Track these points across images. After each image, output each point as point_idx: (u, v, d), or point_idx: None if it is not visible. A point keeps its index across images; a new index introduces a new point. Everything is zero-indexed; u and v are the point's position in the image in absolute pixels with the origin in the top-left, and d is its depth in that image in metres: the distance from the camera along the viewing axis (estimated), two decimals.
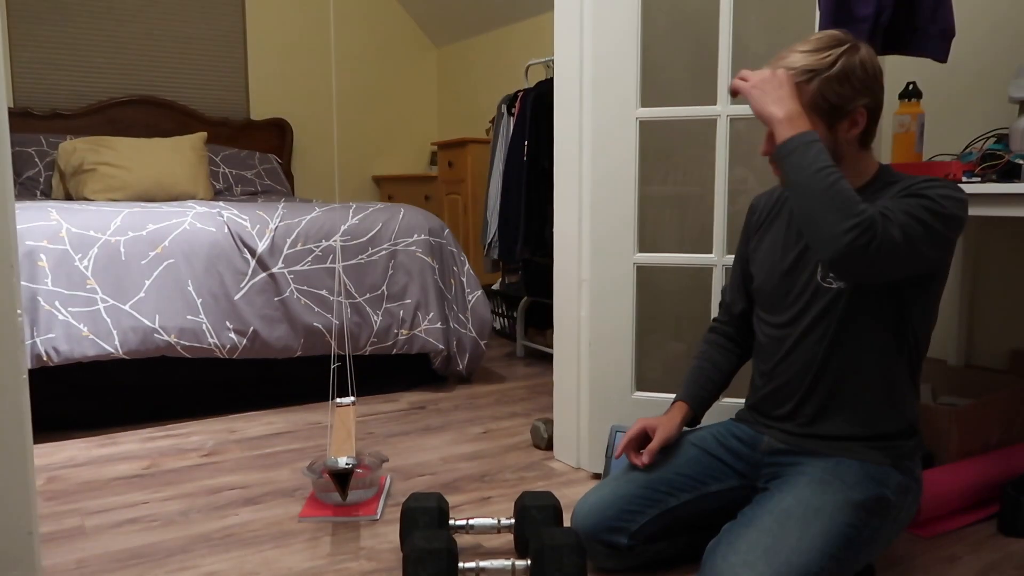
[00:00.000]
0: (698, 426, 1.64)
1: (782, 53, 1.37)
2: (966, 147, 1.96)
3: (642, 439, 1.56)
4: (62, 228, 2.42)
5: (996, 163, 1.72)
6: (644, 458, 1.52)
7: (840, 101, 1.32)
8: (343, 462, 1.72)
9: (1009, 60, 2.25)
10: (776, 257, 1.50)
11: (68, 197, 3.67)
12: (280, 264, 2.67)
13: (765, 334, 1.53)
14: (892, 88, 2.37)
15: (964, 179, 1.74)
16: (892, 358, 1.39)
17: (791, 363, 1.46)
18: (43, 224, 2.41)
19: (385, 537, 1.72)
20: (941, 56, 1.72)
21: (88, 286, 2.40)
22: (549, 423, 2.29)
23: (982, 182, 1.69)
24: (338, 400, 2.01)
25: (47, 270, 2.35)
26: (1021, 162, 1.67)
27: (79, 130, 4.21)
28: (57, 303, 2.34)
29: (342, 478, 1.71)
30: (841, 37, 1.34)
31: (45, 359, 2.30)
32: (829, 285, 1.40)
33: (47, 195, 3.77)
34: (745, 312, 1.64)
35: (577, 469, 2.14)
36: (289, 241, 2.71)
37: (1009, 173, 1.70)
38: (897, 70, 2.42)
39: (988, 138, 1.93)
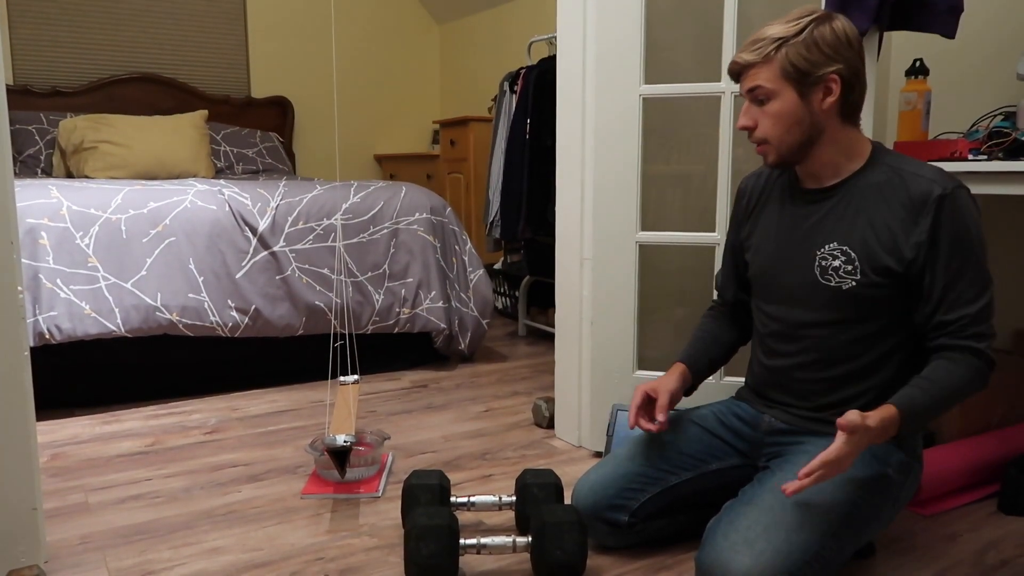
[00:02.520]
0: (699, 405, 1.64)
1: (758, 31, 1.35)
2: (973, 125, 1.94)
3: (648, 404, 1.52)
4: (63, 206, 2.41)
5: (1003, 141, 1.71)
6: (660, 417, 1.46)
7: (808, 67, 1.31)
8: (341, 440, 1.73)
9: (1018, 37, 2.22)
10: (771, 245, 1.48)
11: (69, 175, 3.66)
12: (281, 242, 2.67)
13: (764, 323, 1.52)
14: (899, 65, 2.34)
15: (970, 156, 1.72)
16: (895, 349, 1.38)
17: (791, 352, 1.46)
18: (44, 202, 2.40)
19: (387, 514, 1.73)
20: (949, 32, 1.70)
21: (89, 264, 2.39)
22: (550, 402, 2.29)
23: (988, 160, 1.67)
24: (342, 378, 2.01)
25: (48, 248, 2.34)
26: None
27: (79, 108, 4.19)
28: (59, 281, 2.34)
29: (340, 456, 1.72)
30: (815, 8, 1.35)
31: (47, 337, 2.30)
32: (827, 283, 1.38)
33: (48, 173, 3.76)
34: (740, 300, 1.63)
35: (578, 447, 2.15)
36: (290, 220, 2.70)
37: (1016, 151, 1.69)
38: (904, 46, 2.39)
39: (995, 116, 1.90)
